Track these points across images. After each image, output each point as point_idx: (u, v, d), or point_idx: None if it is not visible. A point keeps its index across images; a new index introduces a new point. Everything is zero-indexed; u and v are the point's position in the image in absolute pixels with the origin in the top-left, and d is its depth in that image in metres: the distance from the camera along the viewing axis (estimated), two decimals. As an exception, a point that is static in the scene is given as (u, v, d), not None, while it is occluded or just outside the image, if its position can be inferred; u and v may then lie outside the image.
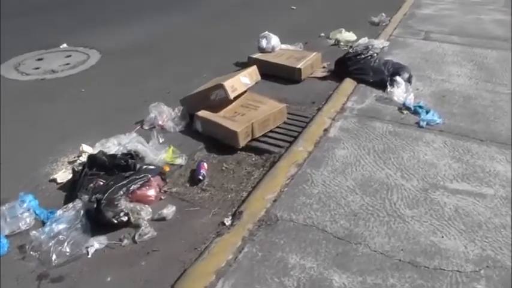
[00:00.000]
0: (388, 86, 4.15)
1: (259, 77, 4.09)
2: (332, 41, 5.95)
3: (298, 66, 4.61)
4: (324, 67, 4.99)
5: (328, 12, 7.65)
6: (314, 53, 4.92)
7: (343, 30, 6.08)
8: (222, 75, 4.15)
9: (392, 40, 5.88)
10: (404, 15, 7.16)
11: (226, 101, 3.70)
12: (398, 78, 4.24)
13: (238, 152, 3.46)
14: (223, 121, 3.54)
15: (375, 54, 4.66)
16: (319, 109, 4.02)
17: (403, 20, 6.90)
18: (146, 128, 3.76)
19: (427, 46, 5.64)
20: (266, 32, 5.12)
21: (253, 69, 4.07)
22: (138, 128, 3.76)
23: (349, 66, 4.63)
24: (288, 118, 3.87)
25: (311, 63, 4.77)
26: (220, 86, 3.67)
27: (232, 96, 3.67)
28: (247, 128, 3.49)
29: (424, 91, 4.33)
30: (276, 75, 4.72)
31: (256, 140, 3.58)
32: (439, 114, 3.80)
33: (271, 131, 3.70)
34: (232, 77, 3.86)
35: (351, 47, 5.67)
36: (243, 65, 4.93)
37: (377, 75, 4.44)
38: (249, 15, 7.42)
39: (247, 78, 3.94)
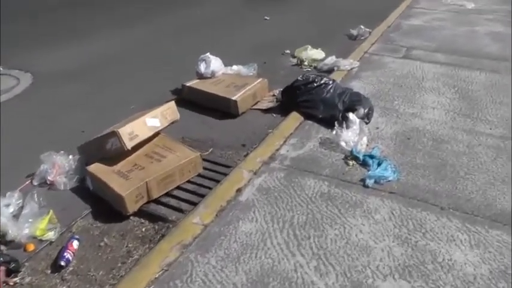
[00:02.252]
0: (336, 126, 3.31)
1: (177, 116, 3.31)
2: (295, 61, 5.11)
3: (235, 97, 3.81)
4: (273, 95, 4.17)
5: (303, 24, 6.82)
6: (259, 80, 4.11)
7: (309, 47, 5.25)
8: (155, 106, 3.46)
9: (366, 59, 5.02)
10: (389, 26, 6.28)
11: (124, 152, 2.93)
12: (351, 115, 3.40)
13: (129, 219, 2.70)
14: (113, 180, 2.78)
15: (330, 82, 3.82)
16: (247, 155, 3.22)
17: (386, 32, 6.02)
18: (36, 183, 3.02)
19: (405, 67, 4.77)
20: (207, 54, 4.33)
21: (169, 107, 3.29)
22: (27, 183, 3.03)
23: (297, 97, 3.80)
24: (205, 169, 3.10)
25: (253, 92, 3.96)
26: (115, 134, 2.90)
27: (129, 146, 2.89)
28: (140, 189, 2.73)
29: (386, 131, 3.48)
30: (211, 107, 3.95)
31: (156, 201, 2.81)
32: (395, 166, 2.97)
33: (178, 188, 2.92)
34: (136, 118, 3.10)
35: (315, 67, 4.87)
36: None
37: (328, 110, 3.61)
38: (216, 28, 6.64)
39: (157, 119, 3.15)
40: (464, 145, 3.25)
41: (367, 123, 3.53)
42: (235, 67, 4.76)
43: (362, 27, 5.95)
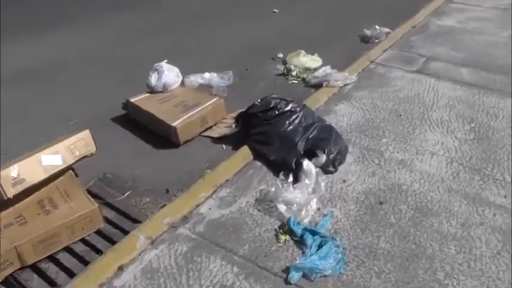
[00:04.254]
0: (281, 177, 2.45)
1: (91, 149, 2.62)
2: (282, 69, 4.21)
3: (175, 123, 3.03)
4: (234, 118, 3.33)
5: (316, 18, 5.81)
6: (213, 100, 3.28)
7: (303, 52, 4.33)
8: (97, 122, 3.10)
9: (368, 71, 4.03)
10: (414, 27, 5.15)
11: (6, 200, 2.28)
12: (306, 163, 2.52)
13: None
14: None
15: (297, 110, 2.94)
16: (163, 206, 2.49)
17: (407, 34, 4.92)
18: None
19: (415, 86, 3.74)
20: (162, 63, 3.54)
21: (81, 139, 2.61)
22: None
23: (251, 127, 2.96)
24: (109, 222, 2.45)
25: (202, 116, 3.16)
26: (-8, 179, 2.25)
27: (10, 194, 2.27)
28: (7, 254, 2.09)
29: (354, 187, 2.57)
30: (154, 131, 3.21)
31: (34, 266, 2.20)
32: (344, 251, 2.10)
33: (66, 249, 2.26)
34: (31, 155, 2.42)
35: (303, 79, 3.97)
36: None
37: (283, 150, 2.75)
38: (211, 22, 5.77)
39: (58, 156, 2.49)
40: (458, 223, 2.29)
41: (332, 172, 2.64)
42: (207, 75, 3.99)
43: (377, 27, 4.89)
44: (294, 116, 2.89)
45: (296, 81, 4.00)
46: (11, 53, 4.72)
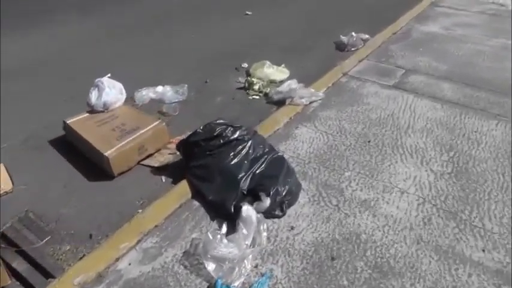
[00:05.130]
0: (209, 233, 2.02)
1: (7, 186, 2.41)
2: (243, 82, 3.78)
3: (108, 152, 2.59)
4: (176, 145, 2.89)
5: (291, 22, 5.39)
6: (154, 124, 2.84)
7: (268, 63, 3.90)
8: (30, 143, 2.83)
9: (339, 86, 3.61)
10: (395, 33, 4.74)
11: None
12: (245, 209, 2.09)
13: None
14: None
15: (245, 138, 2.50)
16: (82, 257, 2.07)
17: (387, 42, 4.51)
18: None
19: (390, 104, 3.32)
20: (103, 79, 3.09)
21: None
22: None
23: (191, 158, 2.53)
24: (18, 277, 2.10)
25: (139, 143, 2.72)
26: None
27: None
28: None
29: (303, 237, 2.16)
30: (90, 158, 2.79)
31: None
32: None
33: None
34: None
35: (265, 94, 3.55)
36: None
37: (223, 189, 2.32)
38: (175, 24, 5.34)
39: None
40: (425, 287, 1.87)
41: (279, 217, 2.22)
42: (160, 88, 3.58)
43: (354, 34, 4.46)
44: (241, 146, 2.46)
45: (257, 97, 3.58)
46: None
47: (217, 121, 2.56)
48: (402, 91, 3.51)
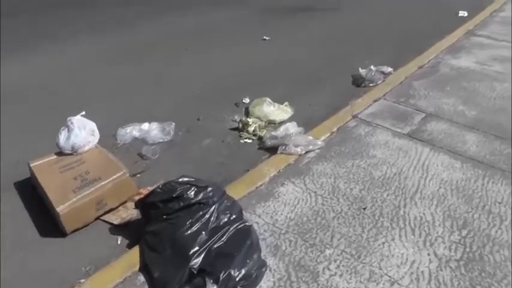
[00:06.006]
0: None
1: None
2: (239, 121, 3.42)
3: (60, 208, 2.30)
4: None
5: (307, 50, 5.01)
6: (117, 175, 2.52)
7: (268, 100, 3.53)
8: None
9: (346, 132, 3.17)
10: (421, 67, 4.23)
11: None
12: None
13: None
14: None
15: (209, 202, 2.13)
16: None
17: (410, 78, 4.01)
18: None
19: (400, 159, 2.85)
20: (74, 118, 2.81)
21: None
22: None
23: (148, 222, 2.19)
24: None
25: (98, 196, 2.43)
26: None
27: None
28: None
29: None
30: (48, 208, 2.53)
31: None
32: None
33: None
34: None
35: (259, 138, 3.19)
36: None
37: (171, 265, 1.95)
38: (187, 49, 5.07)
39: None
40: None
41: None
42: (145, 126, 3.33)
43: (373, 68, 4.02)
44: (202, 212, 2.09)
45: (250, 141, 3.20)
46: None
47: (180, 179, 2.20)
48: (417, 142, 3.02)
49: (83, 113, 2.93)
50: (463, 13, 6.04)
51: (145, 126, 3.31)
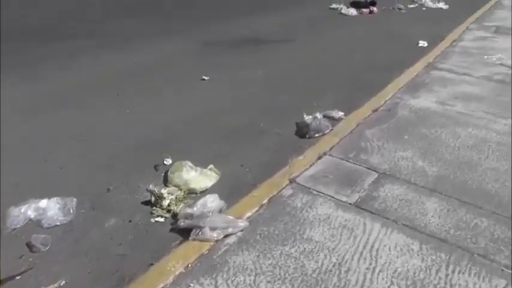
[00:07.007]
0: None
1: None
2: (153, 192, 2.76)
3: None
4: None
5: (248, 93, 4.46)
6: None
7: (189, 165, 2.90)
8: None
9: (279, 204, 2.56)
10: (376, 110, 3.70)
11: None
12: None
13: None
14: None
15: None
16: None
17: (363, 125, 3.47)
18: None
19: (343, 242, 2.26)
20: None
21: None
22: None
23: None
24: None
25: None
26: None
27: None
28: None
29: None
30: None
31: None
32: None
33: None
34: None
35: (174, 215, 2.53)
36: None
37: None
38: (109, 97, 4.45)
39: None
40: None
41: None
42: (43, 203, 2.68)
43: (318, 115, 3.48)
44: None
45: (162, 219, 2.56)
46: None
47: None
48: (366, 215, 2.43)
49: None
50: (423, 43, 5.66)
51: (43, 203, 2.65)
